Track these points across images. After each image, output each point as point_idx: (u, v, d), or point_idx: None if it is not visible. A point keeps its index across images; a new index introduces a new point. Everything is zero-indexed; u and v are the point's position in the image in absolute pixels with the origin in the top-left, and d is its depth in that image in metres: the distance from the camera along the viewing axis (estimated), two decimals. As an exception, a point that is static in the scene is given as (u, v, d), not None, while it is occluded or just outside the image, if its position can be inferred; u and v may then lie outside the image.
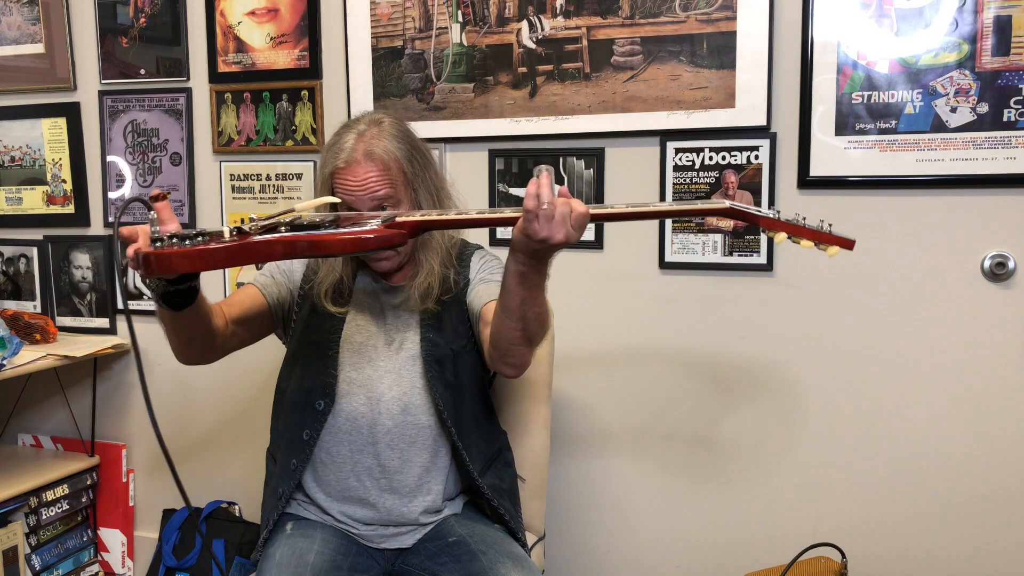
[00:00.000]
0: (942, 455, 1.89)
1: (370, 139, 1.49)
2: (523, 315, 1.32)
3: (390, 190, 1.49)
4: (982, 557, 1.88)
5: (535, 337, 1.38)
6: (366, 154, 1.48)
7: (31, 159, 2.60)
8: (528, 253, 1.23)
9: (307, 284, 1.63)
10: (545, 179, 1.18)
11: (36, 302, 2.64)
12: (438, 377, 1.56)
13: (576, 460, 2.17)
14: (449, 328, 1.59)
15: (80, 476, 2.53)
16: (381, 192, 1.48)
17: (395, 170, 1.49)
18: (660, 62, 1.97)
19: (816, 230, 1.25)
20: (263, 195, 2.37)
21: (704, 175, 1.98)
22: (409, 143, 1.54)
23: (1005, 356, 1.83)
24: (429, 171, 1.56)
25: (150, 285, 1.32)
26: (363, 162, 1.47)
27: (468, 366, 1.61)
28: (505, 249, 2.15)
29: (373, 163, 1.48)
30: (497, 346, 1.41)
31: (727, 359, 2.02)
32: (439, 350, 1.57)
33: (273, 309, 1.61)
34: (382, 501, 1.55)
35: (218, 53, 2.35)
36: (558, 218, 1.18)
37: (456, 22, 2.13)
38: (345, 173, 1.48)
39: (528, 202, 1.18)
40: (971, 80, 1.78)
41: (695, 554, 2.10)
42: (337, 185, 1.49)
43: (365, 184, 1.47)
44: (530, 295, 1.30)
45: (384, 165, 1.48)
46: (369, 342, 1.58)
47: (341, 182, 1.49)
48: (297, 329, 1.63)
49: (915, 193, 1.85)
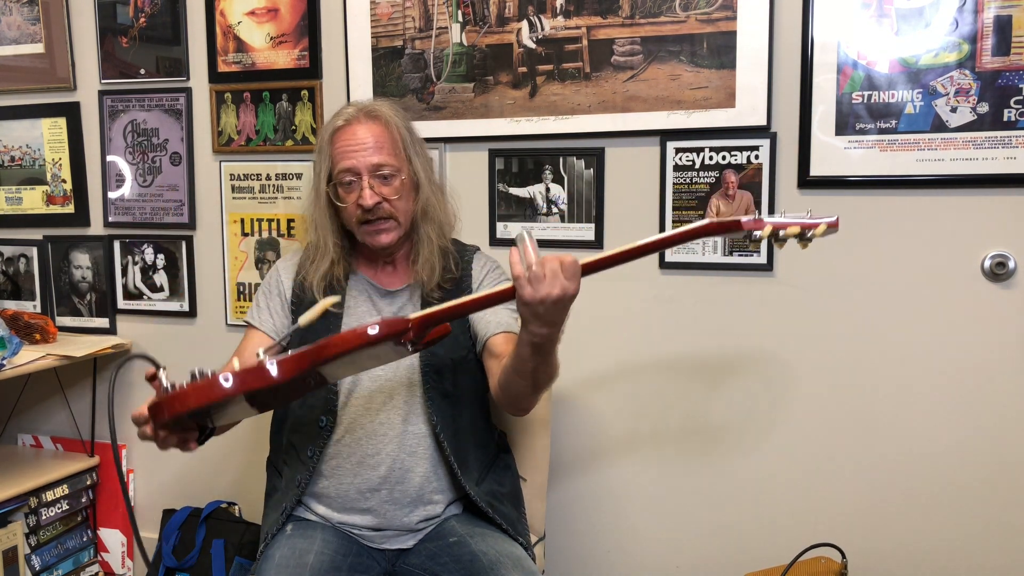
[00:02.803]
0: (942, 455, 1.89)
1: (370, 105, 1.55)
2: (535, 378, 1.35)
3: (390, 157, 1.50)
4: (982, 557, 1.88)
5: (544, 388, 1.42)
6: (367, 113, 1.52)
7: (31, 159, 2.60)
8: (538, 320, 1.20)
9: (298, 298, 1.63)
10: (527, 243, 1.17)
11: (36, 302, 2.64)
12: (436, 387, 1.55)
13: (576, 460, 2.16)
14: (449, 338, 1.57)
15: (80, 476, 2.53)
16: (379, 157, 1.49)
17: (395, 130, 1.52)
18: (660, 62, 1.97)
19: (798, 221, 1.26)
20: (263, 195, 2.37)
21: (704, 175, 1.98)
22: (406, 121, 1.60)
23: (1005, 356, 1.83)
24: (424, 154, 1.60)
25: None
26: (364, 120, 1.51)
27: (467, 375, 1.61)
28: (505, 249, 2.15)
29: (374, 122, 1.51)
30: (506, 395, 1.44)
31: (727, 359, 2.02)
32: (438, 360, 1.57)
33: (278, 340, 1.62)
34: (383, 510, 1.55)
35: (218, 53, 2.35)
36: (549, 275, 1.16)
37: (456, 22, 2.13)
38: (345, 133, 1.50)
39: (515, 269, 1.17)
40: (971, 80, 1.78)
41: (695, 554, 2.10)
42: (337, 148, 1.51)
43: (365, 143, 1.49)
44: (544, 361, 1.31)
45: (385, 122, 1.51)
46: None
47: (341, 142, 1.50)
48: (294, 340, 1.60)
49: (915, 193, 1.85)
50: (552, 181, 2.10)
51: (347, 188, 1.53)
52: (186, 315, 2.48)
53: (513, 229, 2.15)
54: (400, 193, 1.53)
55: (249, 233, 2.40)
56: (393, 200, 1.52)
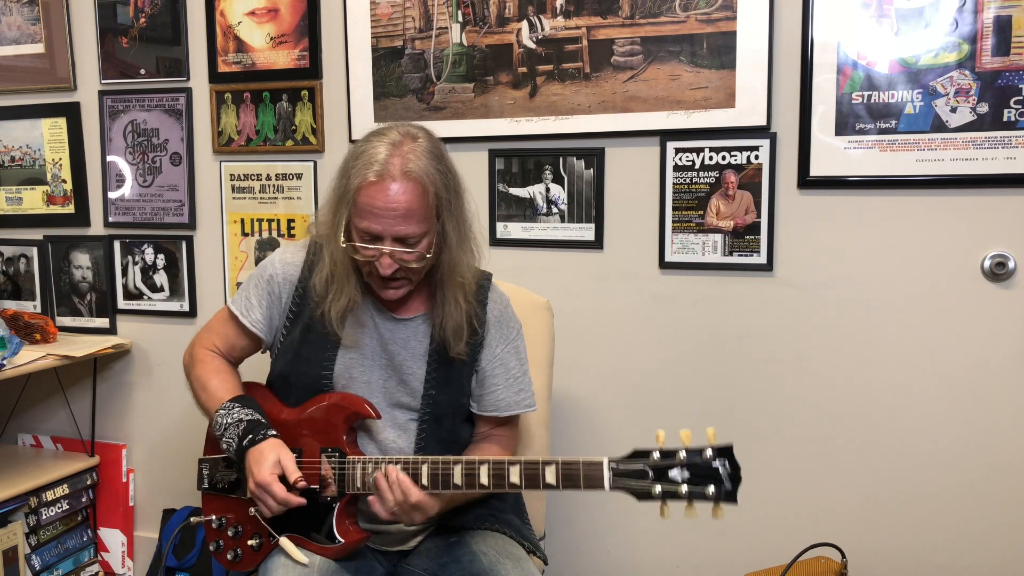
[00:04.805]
0: (942, 455, 1.89)
1: (407, 154, 1.36)
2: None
3: (418, 225, 1.37)
4: (982, 556, 1.88)
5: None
6: (403, 173, 1.34)
7: (31, 159, 2.60)
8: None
9: (297, 307, 1.54)
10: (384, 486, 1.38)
11: (36, 302, 2.64)
12: (434, 435, 1.53)
13: (576, 460, 2.17)
14: (456, 384, 1.54)
15: (80, 476, 2.53)
16: (406, 228, 1.36)
17: (431, 195, 1.37)
18: (660, 62, 1.97)
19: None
20: (263, 195, 2.37)
21: (704, 175, 1.98)
22: (446, 166, 1.42)
23: (1005, 356, 1.83)
24: (461, 200, 1.46)
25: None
26: (399, 180, 1.34)
27: (468, 422, 1.60)
28: (507, 249, 2.16)
29: (409, 183, 1.35)
30: None
31: (727, 359, 2.02)
32: (440, 408, 1.52)
33: (266, 345, 1.62)
34: (382, 529, 1.55)
35: (218, 53, 2.35)
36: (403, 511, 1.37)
37: (456, 22, 2.13)
38: (375, 190, 1.34)
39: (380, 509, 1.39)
40: (971, 80, 1.78)
41: (695, 554, 2.10)
42: (361, 204, 1.36)
43: (394, 208, 1.35)
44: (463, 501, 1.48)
45: (421, 188, 1.36)
46: (362, 378, 1.51)
47: (368, 199, 1.35)
48: (286, 352, 1.55)
49: (915, 193, 1.85)
50: (552, 181, 2.10)
51: (366, 242, 1.40)
52: (186, 315, 2.48)
53: (513, 229, 2.15)
54: (421, 260, 1.42)
55: (249, 233, 2.40)
56: (411, 267, 1.42)
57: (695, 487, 1.23)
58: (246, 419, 1.46)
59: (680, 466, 1.24)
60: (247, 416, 1.47)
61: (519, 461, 1.33)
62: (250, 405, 1.50)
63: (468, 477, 1.35)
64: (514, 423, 1.62)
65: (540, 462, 1.32)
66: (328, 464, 1.45)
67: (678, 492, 1.23)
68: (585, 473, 1.29)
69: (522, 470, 1.32)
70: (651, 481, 1.25)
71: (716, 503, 1.23)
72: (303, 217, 2.34)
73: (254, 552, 1.50)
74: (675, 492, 1.23)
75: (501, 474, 1.33)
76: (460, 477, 1.35)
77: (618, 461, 1.27)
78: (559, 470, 1.31)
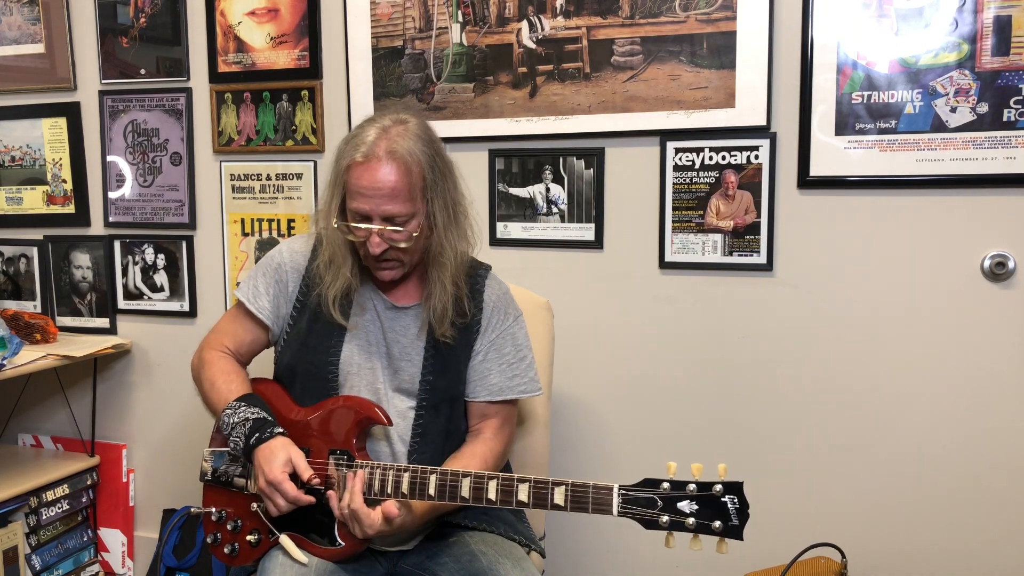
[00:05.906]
0: (942, 455, 1.89)
1: (394, 136, 1.42)
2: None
3: (404, 205, 1.42)
4: (982, 557, 1.88)
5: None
6: (388, 152, 1.40)
7: (31, 159, 2.60)
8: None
9: (304, 295, 1.57)
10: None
11: (36, 302, 2.64)
12: (432, 422, 1.54)
13: (576, 460, 2.16)
14: (453, 370, 1.55)
15: (80, 476, 2.53)
16: (393, 207, 1.41)
17: (415, 175, 1.42)
18: (660, 62, 1.97)
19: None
20: (263, 195, 2.37)
21: (704, 175, 1.98)
22: (433, 149, 1.47)
23: (1005, 356, 1.83)
24: (448, 182, 1.49)
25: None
26: (384, 160, 1.40)
27: (465, 408, 1.60)
28: (507, 249, 2.16)
29: (394, 163, 1.40)
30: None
31: (727, 359, 2.02)
32: (438, 395, 1.54)
33: (273, 335, 1.62)
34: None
35: (218, 53, 2.36)
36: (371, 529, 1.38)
37: (456, 22, 2.13)
38: (362, 169, 1.41)
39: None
40: (971, 80, 1.78)
41: (695, 554, 2.10)
42: (351, 184, 1.43)
43: (380, 187, 1.40)
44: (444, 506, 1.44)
45: (405, 168, 1.40)
46: (367, 365, 1.54)
47: (356, 179, 1.41)
48: (292, 343, 1.58)
49: (915, 193, 1.85)
50: (552, 181, 2.10)
51: (357, 222, 1.45)
52: (186, 315, 2.48)
53: (513, 229, 2.15)
54: (410, 240, 1.45)
55: (249, 233, 2.40)
56: (400, 246, 1.45)
57: (703, 520, 1.26)
58: (252, 417, 1.47)
59: (690, 498, 1.26)
60: (253, 415, 1.47)
61: (528, 479, 1.32)
62: (256, 404, 1.51)
63: (476, 491, 1.35)
64: (510, 412, 1.62)
65: (550, 482, 1.31)
66: (335, 466, 1.45)
67: (685, 524, 1.26)
68: (594, 497, 1.28)
69: (531, 489, 1.32)
70: (659, 511, 1.26)
71: (722, 538, 1.26)
72: (303, 217, 2.34)
73: (252, 548, 1.50)
74: (682, 523, 1.26)
75: (509, 490, 1.33)
76: (468, 491, 1.35)
77: (628, 488, 1.27)
78: (568, 492, 1.30)
